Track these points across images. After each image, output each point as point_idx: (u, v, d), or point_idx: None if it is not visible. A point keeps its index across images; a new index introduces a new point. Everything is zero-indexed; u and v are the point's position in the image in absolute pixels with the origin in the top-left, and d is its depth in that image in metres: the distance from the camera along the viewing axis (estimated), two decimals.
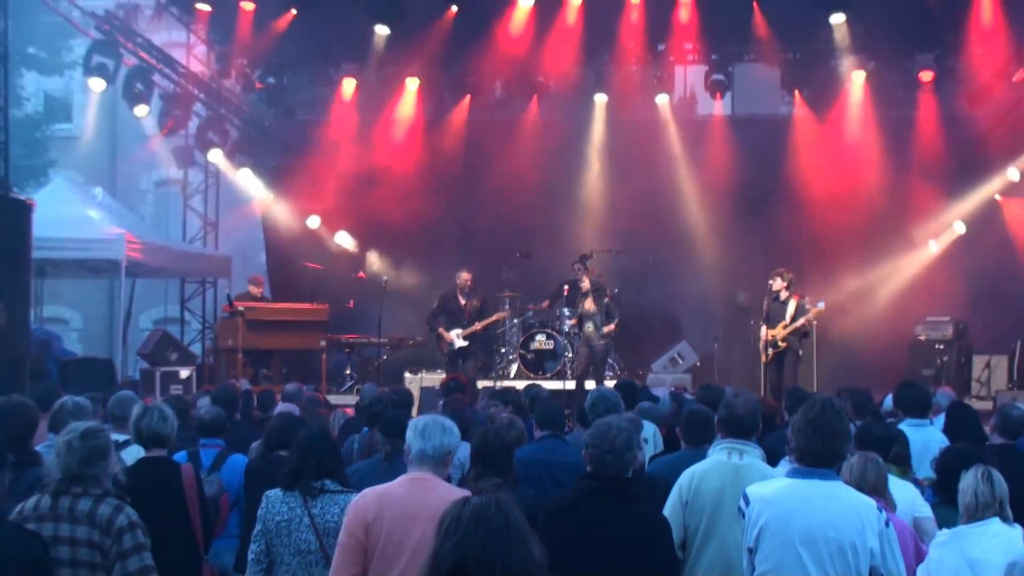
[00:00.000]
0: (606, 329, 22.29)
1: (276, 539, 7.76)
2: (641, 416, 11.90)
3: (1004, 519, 7.73)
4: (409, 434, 7.30)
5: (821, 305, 21.59)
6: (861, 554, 6.61)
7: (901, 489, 8.69)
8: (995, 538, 7.58)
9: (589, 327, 22.16)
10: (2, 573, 5.40)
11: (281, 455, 9.41)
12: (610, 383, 19.66)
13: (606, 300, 22.35)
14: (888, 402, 13.60)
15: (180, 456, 10.65)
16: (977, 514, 7.70)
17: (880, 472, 8.11)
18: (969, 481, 7.82)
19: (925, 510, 8.74)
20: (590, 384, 21.19)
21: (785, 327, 21.26)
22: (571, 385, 22.54)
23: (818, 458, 6.82)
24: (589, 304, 22.11)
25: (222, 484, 10.64)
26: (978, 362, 24.33)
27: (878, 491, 7.78)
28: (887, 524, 6.75)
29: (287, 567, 7.73)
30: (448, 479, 7.37)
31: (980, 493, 7.72)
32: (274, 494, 7.88)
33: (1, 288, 19.35)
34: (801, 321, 21.24)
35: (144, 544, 6.85)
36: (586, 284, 22.12)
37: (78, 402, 9.38)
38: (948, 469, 8.73)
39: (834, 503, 6.74)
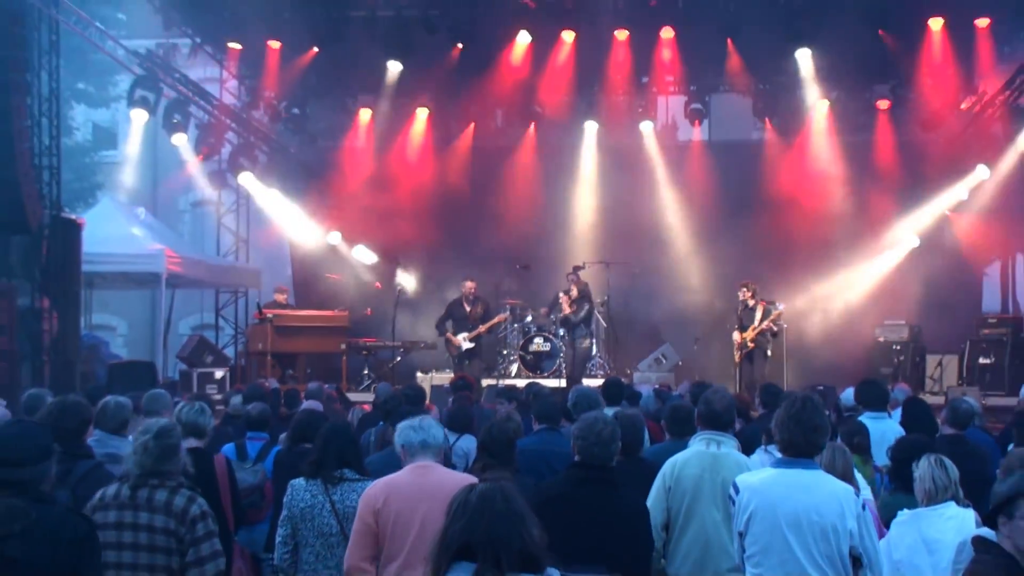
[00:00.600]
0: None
1: (301, 523, 7.78)
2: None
3: (959, 502, 7.74)
4: (407, 432, 7.35)
5: (780, 307, 21.91)
6: (842, 535, 6.66)
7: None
8: (950, 520, 7.60)
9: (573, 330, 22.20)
10: (55, 549, 5.48)
11: (306, 447, 9.41)
12: (598, 381, 19.70)
13: (587, 307, 22.36)
14: (846, 396, 13.60)
15: (228, 448, 10.66)
16: (936, 497, 7.72)
17: (847, 461, 8.17)
18: (924, 469, 7.84)
19: (866, 493, 8.74)
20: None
21: (754, 329, 21.46)
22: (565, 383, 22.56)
23: (800, 449, 6.87)
24: (573, 309, 22.10)
25: (266, 473, 10.65)
26: (931, 361, 24.35)
27: (846, 478, 7.78)
28: (864, 507, 6.80)
29: (311, 548, 7.75)
30: (453, 467, 7.40)
31: (937, 478, 7.75)
32: (298, 483, 7.90)
33: (54, 298, 19.41)
34: (765, 323, 21.46)
35: (214, 531, 6.90)
36: (574, 292, 22.12)
37: (120, 401, 9.36)
38: (902, 458, 8.76)
39: (816, 490, 6.79)
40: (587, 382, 21.11)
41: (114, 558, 6.72)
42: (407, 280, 26.43)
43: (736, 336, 21.89)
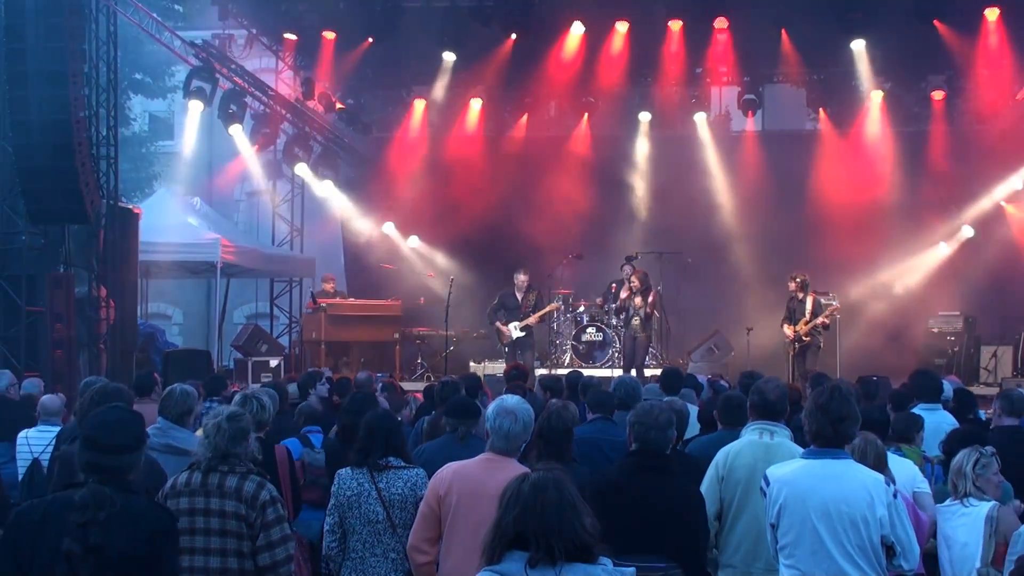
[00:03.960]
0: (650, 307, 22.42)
1: (348, 511, 7.79)
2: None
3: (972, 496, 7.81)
4: (493, 417, 7.26)
5: (835, 302, 21.86)
6: (872, 525, 6.61)
7: (902, 467, 8.71)
8: (963, 516, 7.68)
9: (635, 321, 22.14)
10: (135, 540, 5.46)
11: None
12: (652, 371, 19.70)
13: (650, 299, 22.32)
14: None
15: (293, 443, 10.67)
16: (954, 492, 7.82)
17: (879, 451, 8.09)
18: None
19: (924, 486, 8.75)
20: (634, 371, 21.28)
21: (806, 323, 21.31)
22: (619, 373, 22.48)
23: (829, 440, 6.83)
24: (638, 301, 22.07)
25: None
26: (986, 352, 24.24)
27: (878, 468, 7.75)
28: (895, 496, 6.75)
29: (359, 536, 7.76)
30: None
31: (952, 473, 7.83)
32: (344, 472, 7.92)
33: (112, 287, 19.57)
34: (820, 319, 21.32)
35: (283, 516, 6.97)
36: (636, 283, 22.07)
37: (186, 389, 9.40)
38: (954, 450, 8.71)
39: (846, 480, 6.75)
40: (634, 371, 21.21)
41: (187, 543, 6.77)
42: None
43: (787, 329, 21.74)
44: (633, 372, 21.28)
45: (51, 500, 5.68)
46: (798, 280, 21.76)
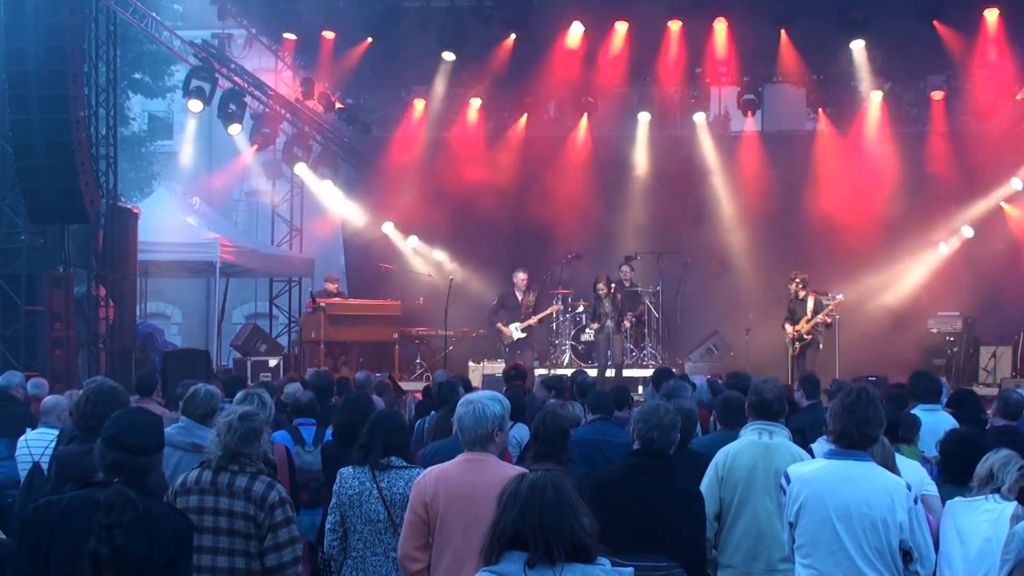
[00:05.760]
0: (626, 323, 22.58)
1: (349, 510, 7.78)
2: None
3: (1002, 495, 7.70)
4: (461, 410, 7.19)
5: (840, 297, 21.77)
6: (892, 529, 6.58)
7: (910, 468, 8.63)
8: (985, 512, 7.59)
9: (609, 323, 22.13)
10: (153, 543, 5.46)
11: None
12: (644, 372, 19.70)
13: (619, 300, 22.37)
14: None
15: (283, 435, 10.69)
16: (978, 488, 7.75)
17: (886, 452, 8.02)
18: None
19: (932, 488, 8.65)
20: (611, 372, 21.55)
21: (808, 321, 21.29)
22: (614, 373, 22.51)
23: (853, 441, 6.77)
24: (608, 305, 22.05)
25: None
26: (985, 353, 24.20)
27: (887, 468, 7.74)
28: (915, 501, 6.72)
29: (359, 535, 7.75)
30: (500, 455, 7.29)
31: (978, 469, 7.78)
32: (347, 470, 7.90)
33: (111, 287, 19.58)
34: (821, 316, 21.31)
35: (292, 517, 7.00)
36: (602, 288, 22.01)
37: (210, 390, 9.43)
38: (951, 451, 8.70)
39: (867, 482, 6.70)
40: (636, 372, 21.26)
41: (195, 541, 6.75)
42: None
43: (788, 329, 21.72)
44: (612, 373, 21.39)
45: (71, 498, 5.65)
46: (797, 280, 21.76)
